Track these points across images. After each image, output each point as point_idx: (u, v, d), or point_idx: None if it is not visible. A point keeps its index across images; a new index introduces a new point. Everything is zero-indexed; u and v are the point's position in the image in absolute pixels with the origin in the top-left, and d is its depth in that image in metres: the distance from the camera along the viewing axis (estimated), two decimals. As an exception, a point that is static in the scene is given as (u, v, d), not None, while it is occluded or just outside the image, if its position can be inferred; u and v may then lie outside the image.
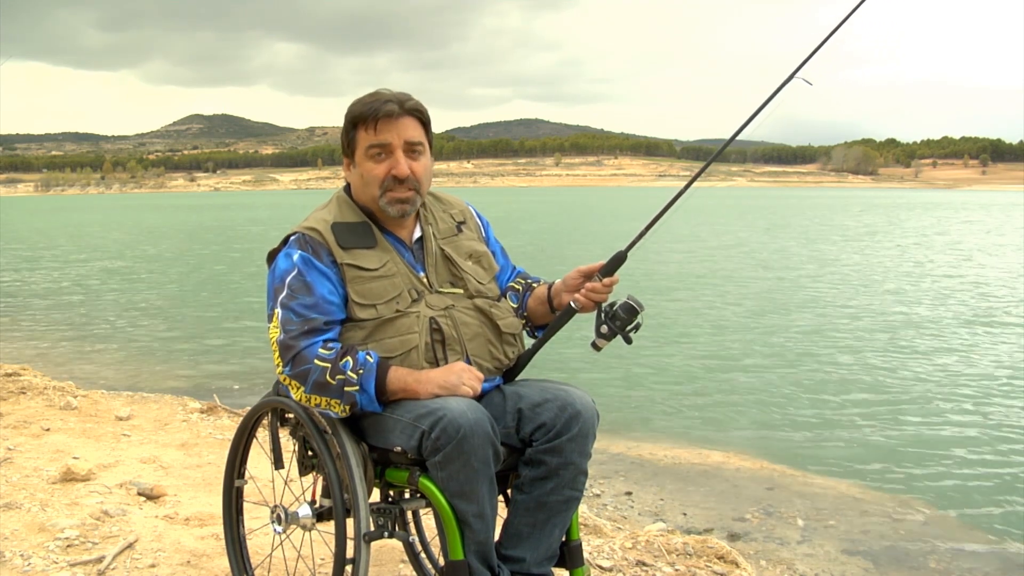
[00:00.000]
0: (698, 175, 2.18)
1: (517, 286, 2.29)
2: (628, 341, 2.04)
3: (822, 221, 39.27)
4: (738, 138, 2.21)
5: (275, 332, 1.96)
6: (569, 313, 2.12)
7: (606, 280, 2.08)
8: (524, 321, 2.26)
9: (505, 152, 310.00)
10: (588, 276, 2.12)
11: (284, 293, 1.96)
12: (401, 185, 2.03)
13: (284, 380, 1.96)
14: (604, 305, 2.07)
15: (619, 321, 2.03)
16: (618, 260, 2.09)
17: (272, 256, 2.07)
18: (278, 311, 1.96)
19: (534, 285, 2.29)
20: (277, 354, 1.95)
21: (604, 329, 2.04)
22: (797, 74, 2.11)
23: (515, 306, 2.25)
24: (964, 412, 6.63)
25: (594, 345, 2.08)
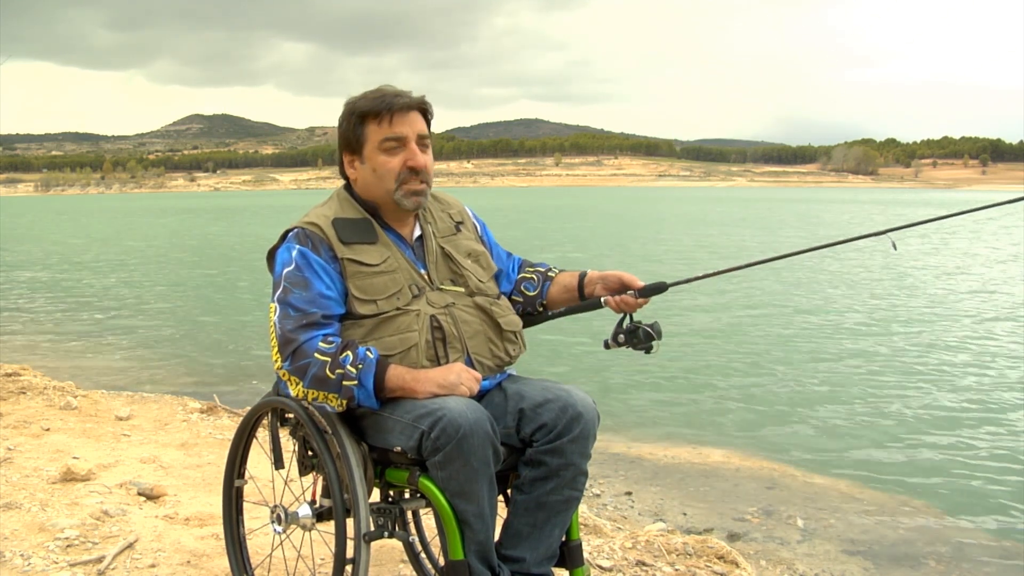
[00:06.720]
0: (784, 256, 2.39)
1: (533, 276, 2.34)
2: (648, 352, 2.23)
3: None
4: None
5: (274, 327, 1.96)
6: (596, 306, 2.26)
7: (641, 300, 2.21)
8: (543, 309, 2.32)
9: (505, 152, 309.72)
10: (626, 286, 2.23)
11: (281, 288, 1.97)
12: (415, 177, 2.06)
13: (283, 375, 1.95)
14: (632, 319, 2.21)
15: (637, 340, 2.19)
16: (658, 288, 2.22)
17: (272, 253, 2.08)
18: (276, 306, 1.97)
19: (551, 274, 2.35)
20: (276, 349, 1.95)
21: (622, 338, 2.21)
22: (888, 235, 2.25)
23: (533, 294, 2.31)
24: (965, 413, 6.63)
25: (606, 344, 2.25)
